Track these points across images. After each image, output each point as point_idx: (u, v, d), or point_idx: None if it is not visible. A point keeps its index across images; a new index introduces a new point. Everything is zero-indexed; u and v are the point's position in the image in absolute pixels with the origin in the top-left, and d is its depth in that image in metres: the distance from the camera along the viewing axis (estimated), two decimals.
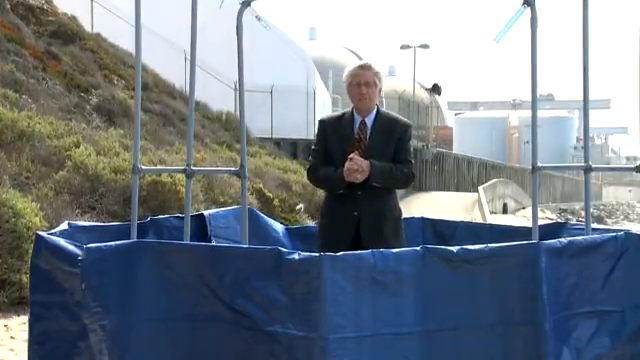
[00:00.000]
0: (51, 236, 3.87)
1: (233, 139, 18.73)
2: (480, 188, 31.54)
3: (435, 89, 45.08)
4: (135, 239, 4.14)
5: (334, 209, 4.51)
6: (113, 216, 9.55)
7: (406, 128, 4.56)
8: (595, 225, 4.71)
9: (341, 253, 3.24)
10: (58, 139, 10.88)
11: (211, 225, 5.02)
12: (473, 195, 31.10)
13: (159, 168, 10.49)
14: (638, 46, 4.03)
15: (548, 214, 38.18)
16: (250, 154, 16.80)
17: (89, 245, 3.51)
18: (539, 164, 4.19)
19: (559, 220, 20.32)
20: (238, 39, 4.35)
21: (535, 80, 4.13)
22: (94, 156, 10.50)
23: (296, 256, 3.20)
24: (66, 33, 18.08)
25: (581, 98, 4.20)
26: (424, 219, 5.59)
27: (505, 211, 35.99)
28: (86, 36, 19.22)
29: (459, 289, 3.31)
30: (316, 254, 3.20)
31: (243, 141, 4.50)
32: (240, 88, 4.52)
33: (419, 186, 33.69)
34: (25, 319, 5.32)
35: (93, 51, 18.31)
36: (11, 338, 6.17)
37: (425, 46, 41.49)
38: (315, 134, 4.76)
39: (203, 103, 21.10)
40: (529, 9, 4.07)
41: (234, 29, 4.35)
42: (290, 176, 16.60)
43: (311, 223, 11.77)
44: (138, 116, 4.43)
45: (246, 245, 4.27)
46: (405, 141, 4.53)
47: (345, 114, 4.60)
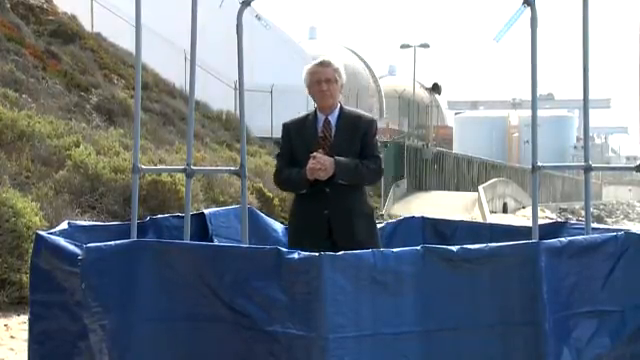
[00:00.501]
0: (51, 236, 3.87)
1: (233, 138, 18.74)
2: (480, 187, 31.55)
3: (435, 88, 45.09)
4: (135, 239, 4.14)
5: (304, 208, 4.45)
6: (113, 216, 9.55)
7: (370, 123, 4.49)
8: (595, 225, 4.70)
9: (341, 253, 3.24)
10: (58, 139, 10.89)
11: (212, 224, 5.02)
12: (473, 194, 31.11)
13: (159, 168, 10.48)
14: (638, 46, 4.03)
15: (548, 213, 38.16)
16: (250, 153, 16.79)
17: (89, 245, 3.51)
18: (539, 163, 4.19)
19: (559, 219, 20.31)
20: (238, 38, 4.35)
21: (535, 79, 4.13)
22: (94, 156, 10.50)
23: (296, 256, 3.20)
24: (66, 32, 18.09)
25: (581, 97, 4.20)
26: (424, 219, 5.59)
27: (505, 210, 36.00)
28: (86, 35, 19.23)
29: (459, 289, 3.31)
30: (316, 254, 3.20)
31: (243, 140, 4.50)
32: (240, 87, 4.52)
33: (419, 185, 33.72)
34: (25, 319, 5.32)
35: (93, 50, 18.33)
36: (11, 337, 6.17)
37: (425, 45, 41.50)
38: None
39: (203, 102, 21.11)
40: (529, 9, 4.07)
41: (234, 29, 4.35)
42: None
43: None
44: (138, 115, 4.43)
45: (246, 245, 4.27)
46: (370, 136, 4.45)
47: (308, 115, 4.54)
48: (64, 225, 4.32)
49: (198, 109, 19.37)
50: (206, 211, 5.14)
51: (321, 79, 4.39)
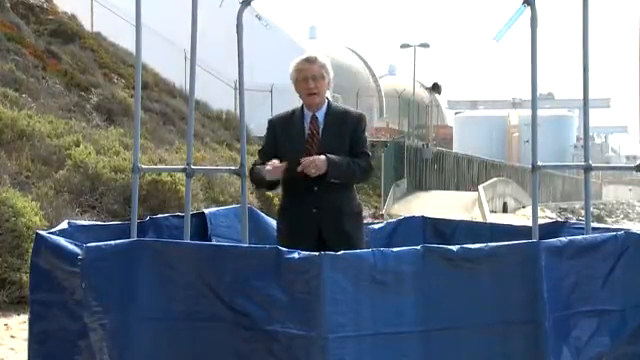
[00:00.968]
0: (51, 235, 3.87)
1: (233, 138, 18.74)
2: (480, 187, 31.54)
3: (435, 88, 45.09)
4: (135, 238, 4.13)
5: (292, 207, 4.37)
6: (113, 215, 9.55)
7: (359, 119, 4.37)
8: (595, 224, 4.70)
9: (341, 252, 3.24)
10: (58, 138, 10.90)
11: (212, 224, 5.02)
12: (473, 194, 31.11)
13: (159, 167, 10.48)
14: (638, 45, 4.03)
15: (548, 213, 38.14)
16: (250, 153, 16.69)
17: (89, 244, 3.51)
18: (539, 163, 4.19)
19: (559, 219, 20.29)
20: (238, 38, 4.35)
21: (535, 79, 4.13)
22: (94, 155, 10.51)
23: (296, 255, 3.20)
24: (66, 32, 18.10)
25: (581, 97, 4.20)
26: (424, 218, 5.58)
27: (505, 210, 35.99)
28: (86, 35, 19.24)
29: (459, 288, 3.31)
30: (316, 253, 3.20)
31: (243, 140, 4.50)
32: (240, 87, 4.51)
33: (419, 185, 33.73)
34: (25, 318, 5.32)
35: (93, 50, 18.34)
36: (11, 337, 6.17)
37: (425, 45, 41.48)
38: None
39: (203, 102, 21.11)
40: (529, 8, 4.07)
41: (234, 28, 4.35)
42: None
43: None
44: (138, 115, 4.43)
45: (246, 244, 4.27)
46: (360, 133, 4.34)
47: (295, 111, 4.43)
48: (64, 225, 4.32)
49: (198, 109, 19.38)
50: (206, 211, 5.14)
51: (308, 76, 4.28)
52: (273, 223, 5.34)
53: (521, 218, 28.90)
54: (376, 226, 5.47)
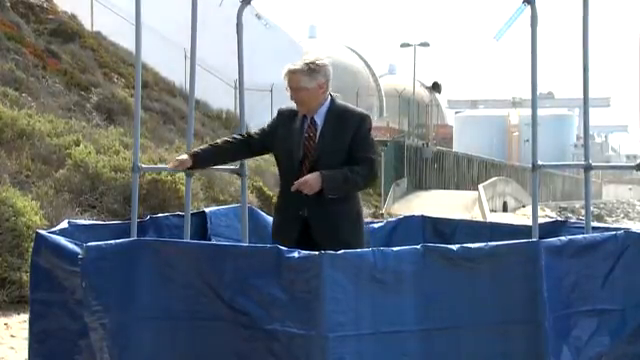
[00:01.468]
0: (51, 234, 3.88)
1: None
2: (480, 186, 31.54)
3: (435, 87, 45.12)
4: (135, 237, 4.14)
5: (282, 206, 4.24)
6: (113, 214, 9.55)
7: (362, 120, 4.12)
8: (595, 223, 4.71)
9: (341, 251, 3.24)
10: (58, 137, 10.89)
11: (212, 223, 5.02)
12: (473, 193, 31.11)
13: (159, 167, 10.45)
14: (638, 44, 4.03)
15: (548, 212, 38.14)
16: None
17: (89, 244, 3.52)
18: (539, 162, 4.19)
19: (559, 218, 20.29)
20: (238, 37, 4.35)
21: (535, 78, 4.13)
22: (94, 154, 10.49)
23: (296, 254, 3.20)
24: (66, 31, 18.09)
25: (581, 96, 4.21)
26: (424, 217, 5.58)
27: (505, 209, 36.00)
28: (86, 34, 19.23)
29: (459, 287, 3.31)
30: (316, 253, 3.20)
31: None
32: (240, 86, 4.53)
33: (419, 184, 33.75)
34: (25, 317, 5.32)
35: (93, 49, 18.32)
36: (11, 336, 6.17)
37: (425, 44, 41.46)
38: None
39: (203, 101, 21.11)
40: (529, 7, 4.07)
41: (234, 27, 4.35)
42: None
43: None
44: (138, 114, 4.44)
45: (246, 244, 4.27)
46: (362, 135, 4.09)
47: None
48: (64, 224, 4.33)
49: (198, 108, 19.37)
50: (207, 210, 5.15)
51: (292, 87, 4.11)
52: None
53: (521, 217, 28.90)
54: (376, 225, 5.47)
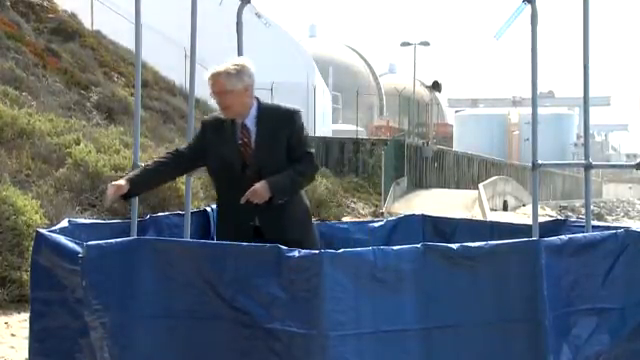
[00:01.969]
0: (51, 233, 3.87)
1: None
2: (480, 185, 31.51)
3: (435, 86, 45.06)
4: (135, 236, 4.14)
5: (229, 216, 4.10)
6: (113, 213, 9.55)
7: (291, 118, 4.07)
8: (595, 222, 4.71)
9: (341, 250, 3.25)
10: (58, 136, 10.89)
11: (214, 222, 5.00)
12: (473, 192, 31.08)
13: None
14: (638, 44, 4.03)
15: (548, 211, 38.14)
16: None
17: (89, 242, 3.51)
18: (539, 161, 4.20)
19: (559, 217, 20.30)
20: (238, 36, 4.36)
21: (535, 77, 4.13)
22: (94, 153, 10.50)
23: (296, 253, 3.21)
24: (66, 30, 18.10)
25: (581, 95, 4.21)
26: (424, 216, 5.58)
27: (505, 208, 35.97)
28: (86, 33, 19.24)
29: (459, 286, 3.31)
30: (316, 251, 3.21)
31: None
32: None
33: (419, 183, 33.74)
34: (26, 316, 5.32)
35: (93, 48, 18.33)
36: (12, 335, 6.17)
37: (425, 43, 41.44)
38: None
39: (203, 100, 21.05)
40: (529, 6, 4.07)
41: (234, 26, 4.35)
42: None
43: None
44: (138, 113, 4.44)
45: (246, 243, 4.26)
46: (296, 132, 4.04)
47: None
48: (64, 223, 4.32)
49: (198, 107, 19.29)
50: (208, 208, 5.14)
51: (215, 91, 3.99)
52: None
53: (521, 216, 28.89)
54: (376, 224, 5.47)
